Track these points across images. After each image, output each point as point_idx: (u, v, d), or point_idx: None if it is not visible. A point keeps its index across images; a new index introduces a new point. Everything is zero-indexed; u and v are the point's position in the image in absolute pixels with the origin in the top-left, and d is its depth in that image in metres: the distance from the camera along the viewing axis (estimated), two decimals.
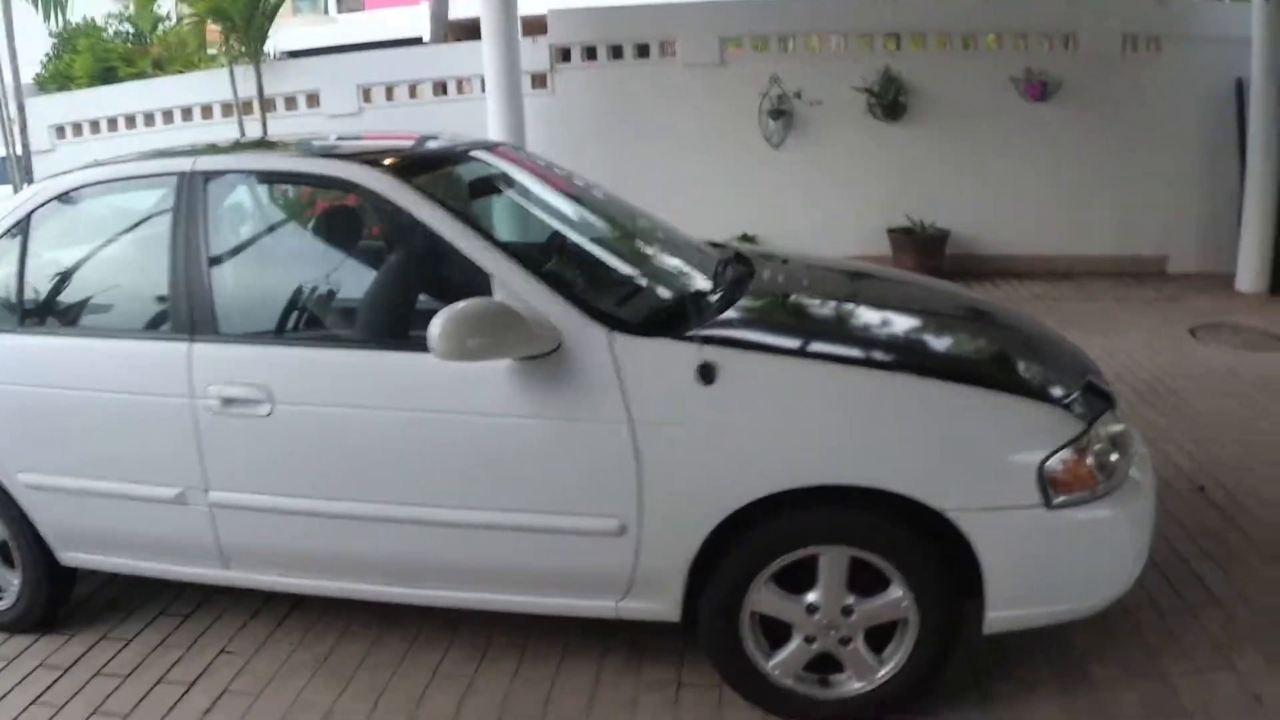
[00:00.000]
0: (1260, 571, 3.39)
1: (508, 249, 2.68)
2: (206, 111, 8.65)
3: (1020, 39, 7.83)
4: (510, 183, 3.54)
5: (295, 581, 3.00)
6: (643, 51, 8.07)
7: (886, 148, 7.91)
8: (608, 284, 2.86)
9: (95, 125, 8.92)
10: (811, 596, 2.59)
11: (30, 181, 8.58)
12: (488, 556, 2.73)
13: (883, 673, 2.65)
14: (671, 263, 3.26)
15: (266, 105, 8.08)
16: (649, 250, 3.31)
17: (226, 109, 8.38)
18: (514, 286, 2.57)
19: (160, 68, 12.24)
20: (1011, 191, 7.90)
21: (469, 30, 8.32)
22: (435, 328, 2.40)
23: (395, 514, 2.73)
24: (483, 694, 2.89)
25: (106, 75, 11.78)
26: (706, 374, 2.46)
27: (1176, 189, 7.83)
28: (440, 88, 8.34)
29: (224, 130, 8.24)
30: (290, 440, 2.77)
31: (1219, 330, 6.45)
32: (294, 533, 2.86)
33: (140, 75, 11.77)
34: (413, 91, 8.34)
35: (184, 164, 3.00)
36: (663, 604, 2.67)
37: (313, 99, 8.43)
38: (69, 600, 3.40)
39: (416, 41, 13.14)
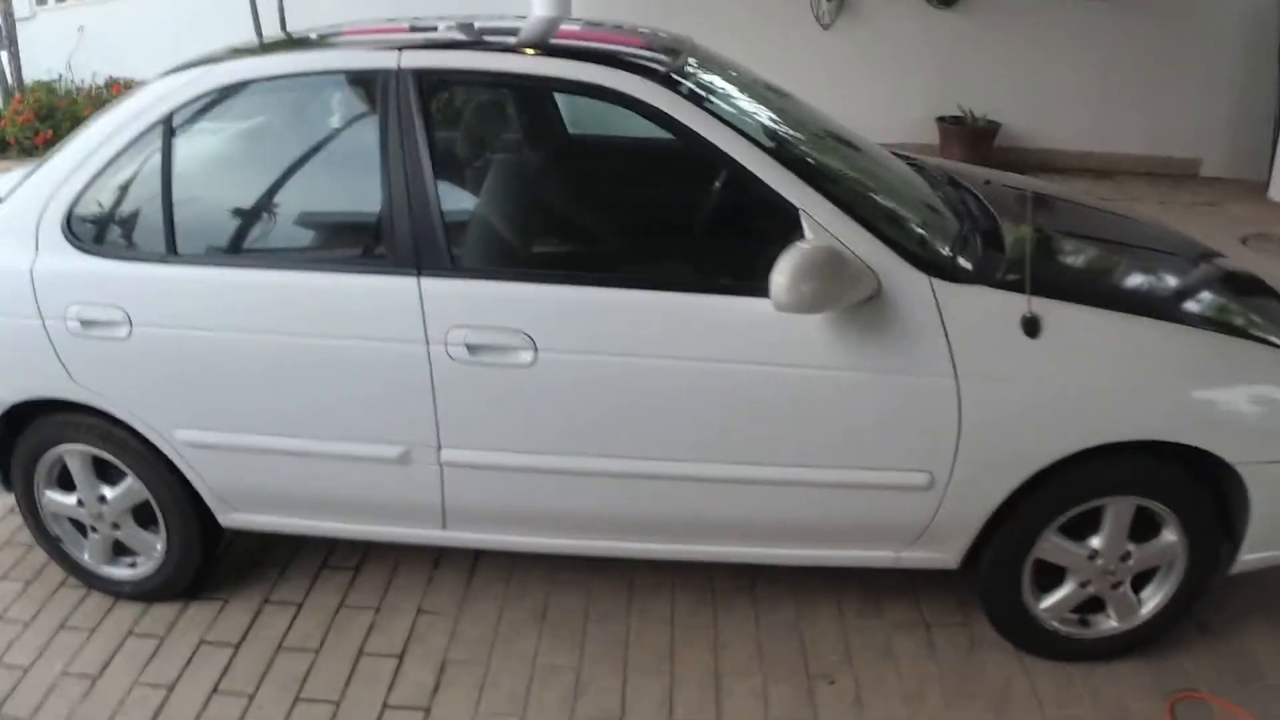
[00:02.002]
0: None
1: (818, 179, 2.47)
2: None
3: None
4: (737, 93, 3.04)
5: (527, 540, 2.79)
6: None
7: (939, 34, 7.76)
8: (897, 223, 2.66)
9: None
10: (1095, 543, 2.61)
11: (13, 49, 7.66)
12: (782, 512, 2.61)
13: (1143, 612, 2.72)
14: (926, 194, 3.06)
15: None
16: (900, 181, 3.09)
17: None
18: (828, 225, 2.37)
19: None
20: (1059, 87, 7.84)
21: None
22: (781, 275, 2.20)
23: (677, 471, 2.54)
24: (733, 646, 2.81)
25: None
26: (1031, 327, 2.39)
27: (1214, 91, 7.86)
28: None
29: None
30: (560, 392, 2.49)
31: (1268, 240, 6.50)
32: (543, 492, 2.63)
33: None
34: None
35: (387, 60, 2.54)
36: (946, 553, 2.66)
37: None
38: (217, 564, 3.09)
39: None
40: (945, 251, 2.58)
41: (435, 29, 2.94)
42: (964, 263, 2.55)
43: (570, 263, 2.76)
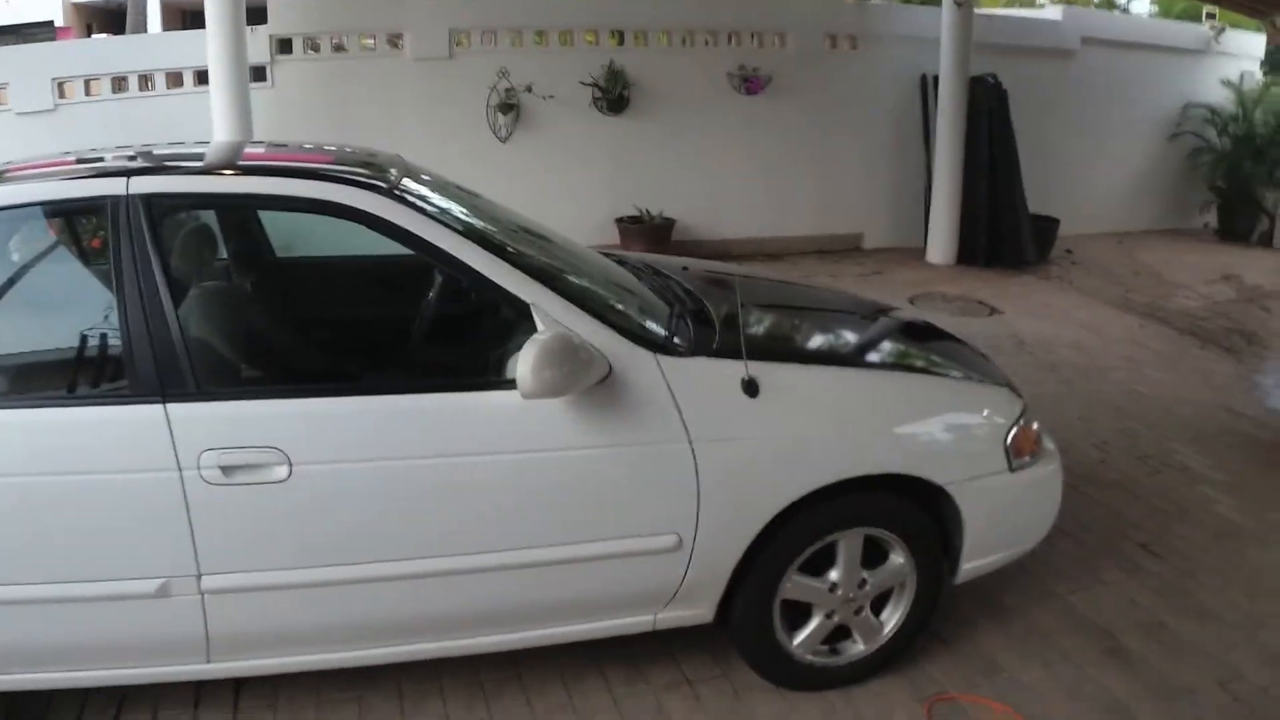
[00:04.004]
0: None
1: (541, 275, 2.60)
2: None
3: (734, 36, 8.45)
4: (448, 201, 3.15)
5: (290, 660, 2.69)
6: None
7: (612, 140, 8.24)
8: (616, 309, 2.81)
9: None
10: (833, 575, 2.84)
11: None
12: (545, 591, 2.67)
13: (885, 632, 2.97)
14: (634, 283, 3.25)
15: None
16: (610, 273, 3.26)
17: None
18: (559, 317, 2.50)
19: None
20: (727, 180, 8.54)
21: (178, 13, 7.50)
22: (524, 365, 2.29)
23: (443, 567, 2.56)
24: None
25: None
26: (751, 388, 2.61)
27: (868, 173, 8.90)
28: (145, 81, 7.45)
29: None
30: (318, 503, 2.44)
31: (932, 299, 7.43)
32: (311, 607, 2.58)
33: None
34: (117, 85, 7.39)
35: (114, 186, 2.47)
36: (700, 608, 2.80)
37: None
38: None
39: (48, 26, 11.55)
40: (663, 330, 2.77)
41: (102, 159, 2.85)
42: (680, 339, 2.75)
43: (317, 376, 2.75)
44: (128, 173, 2.52)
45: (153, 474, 2.37)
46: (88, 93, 7.40)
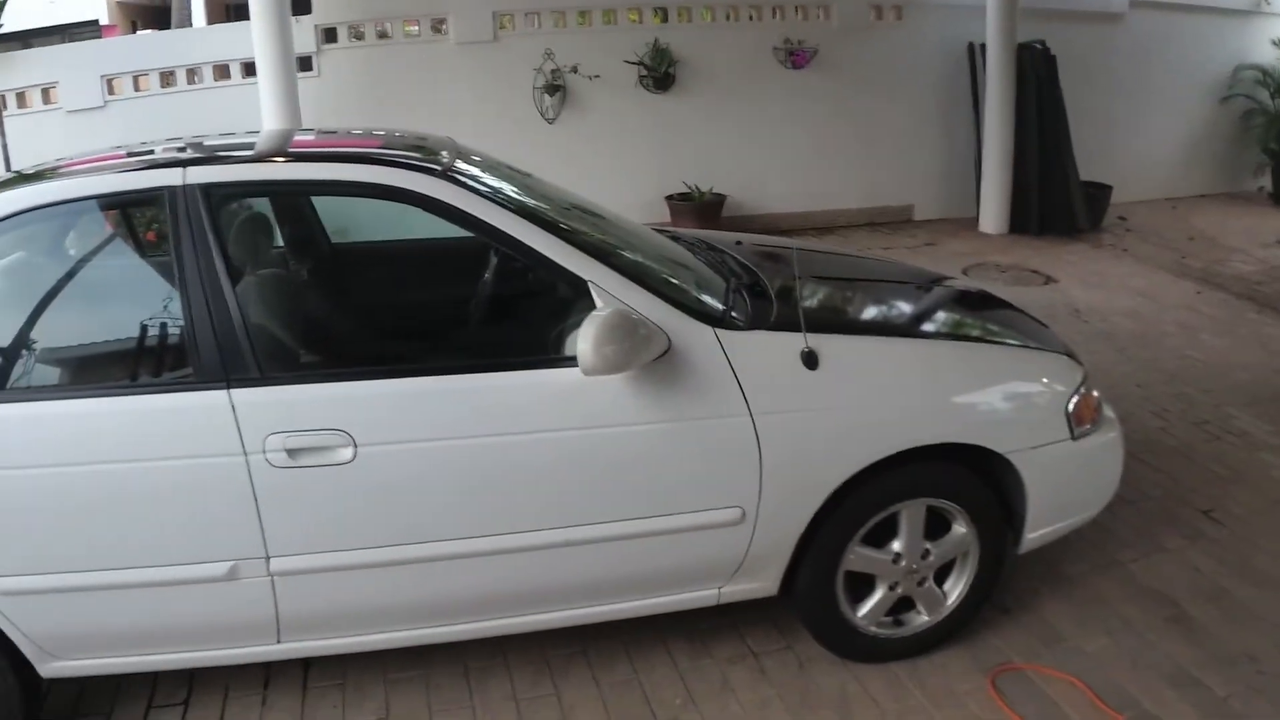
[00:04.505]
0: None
1: (597, 252, 2.61)
2: None
3: (778, 10, 8.35)
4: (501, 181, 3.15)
5: (357, 640, 2.73)
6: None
7: (659, 118, 8.18)
8: (674, 284, 2.82)
9: None
10: (896, 546, 2.84)
11: None
12: (611, 567, 2.70)
13: (949, 603, 2.97)
14: (690, 259, 3.26)
15: None
16: (665, 249, 3.26)
17: None
18: (617, 293, 2.52)
19: None
20: (775, 154, 8.44)
21: (222, 6, 7.59)
22: (585, 342, 2.31)
23: (507, 544, 2.59)
24: (579, 709, 2.84)
25: None
26: (810, 360, 2.61)
27: (918, 144, 8.75)
28: (192, 75, 7.56)
29: None
30: (384, 484, 2.48)
31: (986, 268, 7.35)
32: (377, 587, 2.62)
33: None
34: (165, 80, 7.50)
35: (171, 177, 2.51)
36: (764, 581, 2.82)
37: (48, 93, 7.33)
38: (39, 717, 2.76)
39: (93, 25, 11.71)
40: (720, 305, 2.78)
41: (153, 152, 2.90)
42: (738, 312, 2.76)
43: (380, 357, 2.78)
44: (183, 163, 2.57)
45: (219, 459, 2.42)
46: (136, 88, 7.50)
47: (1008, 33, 7.95)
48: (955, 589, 2.97)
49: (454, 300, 3.14)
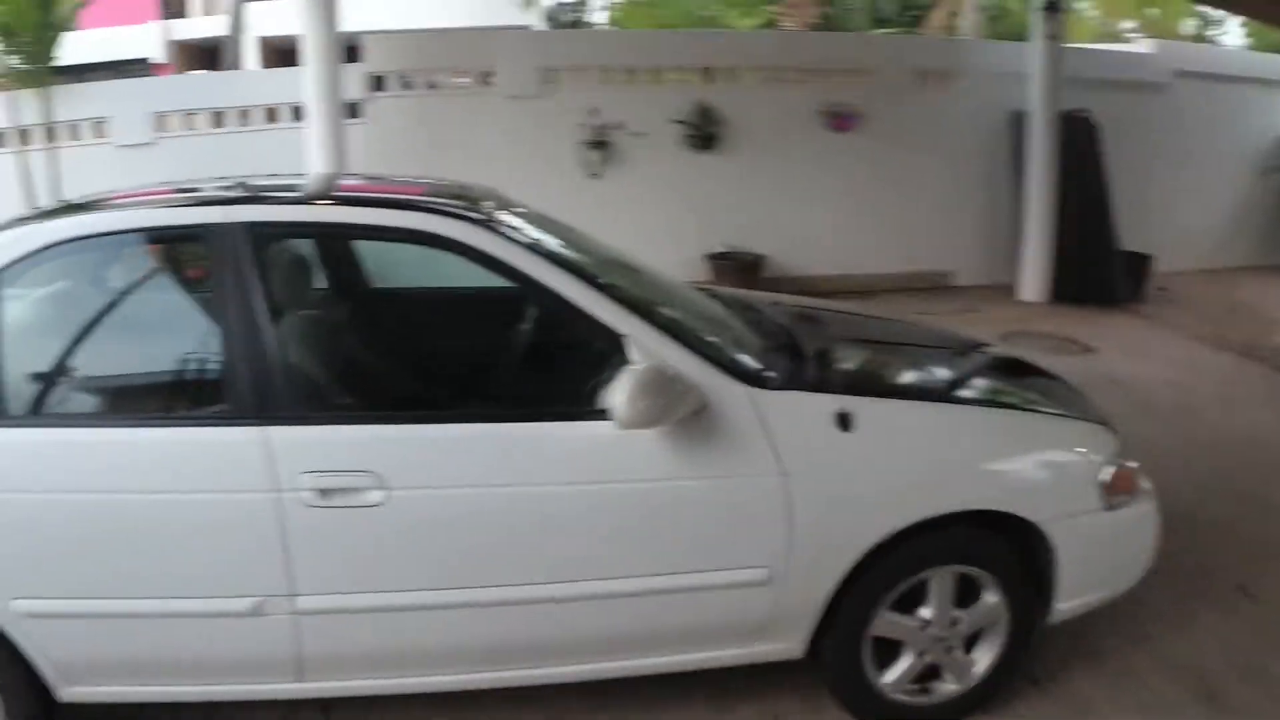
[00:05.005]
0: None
1: (635, 307, 2.63)
2: None
3: (824, 73, 8.49)
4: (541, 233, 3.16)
5: (379, 683, 2.73)
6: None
7: (702, 177, 8.31)
8: (710, 342, 2.81)
9: None
10: (925, 613, 2.81)
11: None
12: (636, 622, 2.68)
13: (977, 671, 2.92)
14: (727, 317, 3.27)
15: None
16: (704, 306, 3.29)
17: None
18: (653, 348, 2.53)
19: None
20: (817, 217, 8.55)
21: (275, 49, 7.80)
22: (619, 395, 2.34)
23: (533, 594, 2.59)
24: None
25: None
26: (844, 421, 2.61)
27: (959, 210, 8.84)
28: (242, 116, 7.75)
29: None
30: (413, 527, 2.50)
31: (1024, 336, 7.31)
32: (401, 630, 2.60)
33: None
34: (215, 120, 7.70)
35: (217, 214, 2.58)
36: (790, 642, 2.79)
37: (99, 127, 7.57)
38: None
39: (142, 63, 12.07)
40: (755, 363, 2.79)
41: (200, 189, 2.96)
42: (773, 371, 2.76)
43: (415, 402, 2.81)
44: (229, 201, 2.66)
45: (249, 494, 2.44)
46: (186, 127, 7.70)
47: (1051, 101, 8.00)
48: (984, 658, 2.92)
49: (491, 349, 3.17)
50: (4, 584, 2.48)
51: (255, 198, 2.84)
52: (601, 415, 2.43)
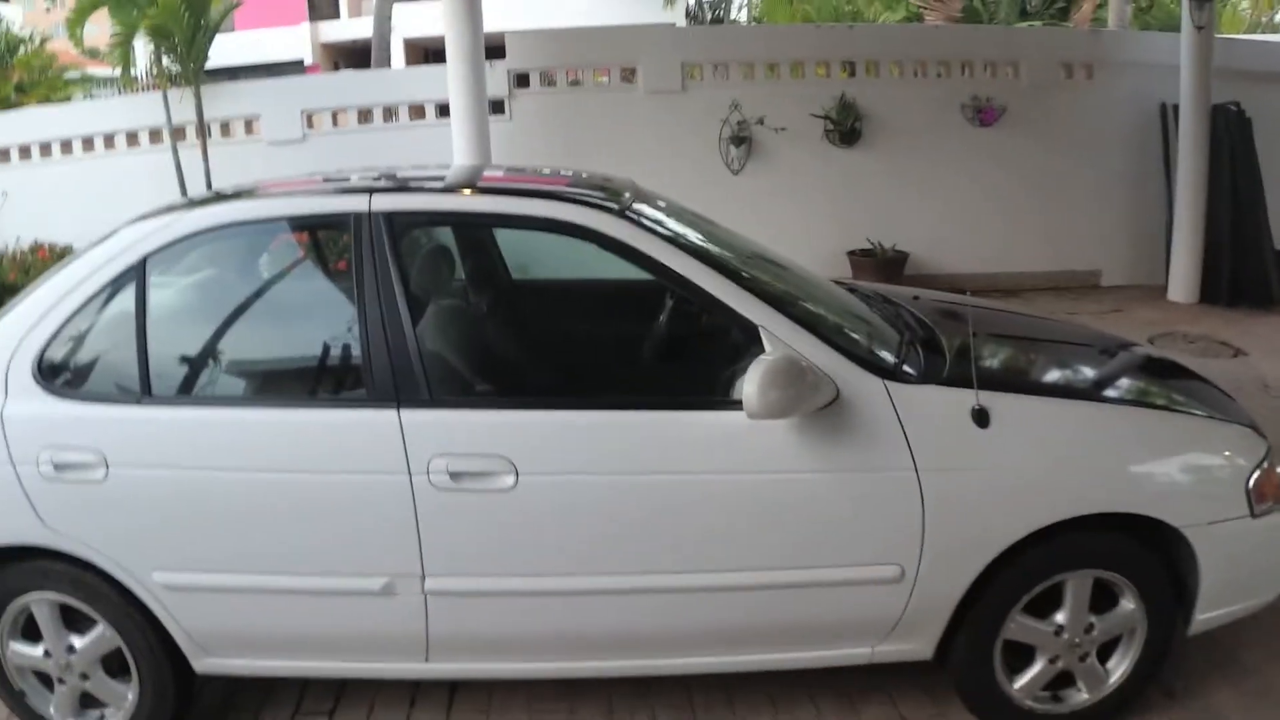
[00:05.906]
0: None
1: (770, 298, 2.66)
2: (132, 139, 8.12)
3: (967, 66, 8.31)
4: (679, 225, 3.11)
5: (505, 666, 2.79)
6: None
7: (843, 172, 8.23)
8: (846, 334, 2.80)
9: (4, 154, 8.24)
10: (1059, 618, 2.76)
11: None
12: (763, 616, 2.70)
13: (1111, 681, 2.85)
14: (865, 310, 3.26)
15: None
16: (840, 299, 3.28)
17: (154, 135, 7.88)
18: (787, 339, 2.54)
19: (23, 91, 11.32)
20: (960, 213, 8.36)
21: (421, 50, 8.09)
22: (751, 385, 2.36)
23: (661, 584, 2.61)
24: None
25: None
26: (981, 418, 2.59)
27: (1106, 207, 8.52)
28: (389, 113, 8.06)
29: (154, 158, 7.65)
30: (543, 513, 2.55)
31: (1174, 338, 7.03)
32: (529, 615, 2.66)
33: (3, 101, 10.86)
34: (363, 117, 8.03)
35: (357, 203, 2.67)
36: (920, 643, 2.77)
37: (250, 124, 8.00)
38: (189, 713, 2.88)
39: (297, 65, 12.62)
40: (892, 357, 2.78)
41: (348, 179, 3.10)
42: (911, 366, 2.75)
43: (548, 389, 2.89)
44: (370, 190, 2.76)
45: (384, 476, 2.54)
46: (334, 124, 8.04)
47: (1202, 94, 7.64)
48: (1119, 667, 2.84)
49: (624, 338, 3.24)
50: (146, 557, 2.62)
51: (396, 187, 2.97)
52: (735, 405, 2.46)
